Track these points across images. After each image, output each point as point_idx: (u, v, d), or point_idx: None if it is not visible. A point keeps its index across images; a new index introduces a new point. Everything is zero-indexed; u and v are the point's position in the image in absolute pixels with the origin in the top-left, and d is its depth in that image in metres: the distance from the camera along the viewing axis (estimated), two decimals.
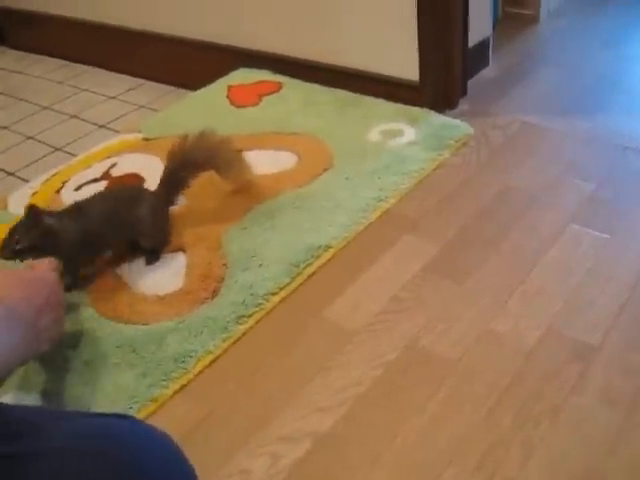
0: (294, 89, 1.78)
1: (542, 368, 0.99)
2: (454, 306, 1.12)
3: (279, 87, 1.79)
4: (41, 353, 0.98)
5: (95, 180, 1.54)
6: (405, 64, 1.63)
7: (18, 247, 1.13)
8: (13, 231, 1.14)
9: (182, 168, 1.31)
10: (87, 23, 2.30)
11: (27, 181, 1.70)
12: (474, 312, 1.10)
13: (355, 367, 1.03)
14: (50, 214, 1.17)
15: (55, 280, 1.05)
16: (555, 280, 1.14)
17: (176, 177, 1.31)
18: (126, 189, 1.34)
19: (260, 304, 1.14)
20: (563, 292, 1.11)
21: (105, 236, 1.22)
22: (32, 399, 1.03)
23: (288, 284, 1.17)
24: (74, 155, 1.78)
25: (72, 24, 2.35)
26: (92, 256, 1.24)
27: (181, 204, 1.37)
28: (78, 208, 1.21)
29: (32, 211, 1.15)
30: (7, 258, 1.14)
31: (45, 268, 1.06)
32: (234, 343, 1.09)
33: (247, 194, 1.38)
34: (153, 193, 1.29)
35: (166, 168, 1.31)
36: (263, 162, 1.45)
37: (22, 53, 2.59)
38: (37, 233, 1.14)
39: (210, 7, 1.95)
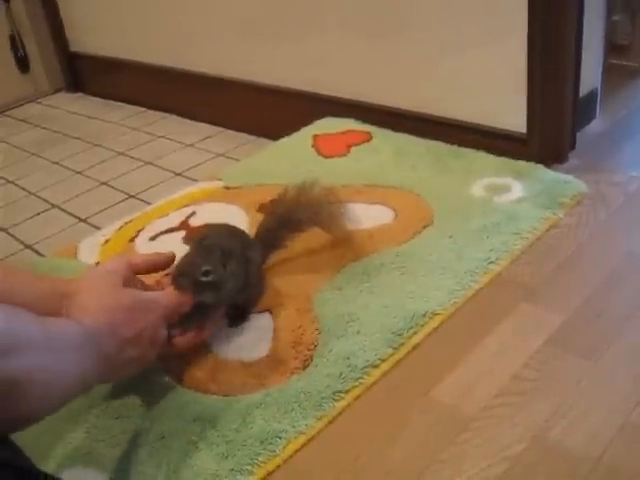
0: (385, 139, 1.66)
1: None
2: (588, 389, 0.95)
3: (369, 137, 1.67)
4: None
5: (172, 230, 1.43)
6: (511, 114, 1.50)
7: (205, 279, 0.99)
8: (197, 261, 1.01)
9: (281, 226, 1.19)
10: (165, 70, 2.25)
11: (99, 228, 1.61)
12: (613, 396, 0.93)
13: (472, 461, 0.87)
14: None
15: (162, 314, 0.92)
16: None
17: (273, 235, 1.20)
18: (244, 234, 1.19)
19: (359, 378, 0.99)
20: None
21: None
22: (99, 477, 0.90)
23: (390, 356, 1.02)
24: (148, 203, 1.69)
25: (149, 70, 2.31)
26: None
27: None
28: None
29: (223, 249, 1.03)
30: (184, 288, 0.98)
31: (162, 298, 0.94)
32: (330, 423, 0.94)
33: (340, 250, 1.25)
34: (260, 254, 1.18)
35: (263, 224, 1.20)
36: (357, 216, 1.31)
37: (99, 99, 2.57)
38: (226, 274, 1.02)
39: (289, 54, 1.87)
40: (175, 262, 1.02)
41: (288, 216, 1.19)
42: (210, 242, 1.06)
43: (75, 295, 0.88)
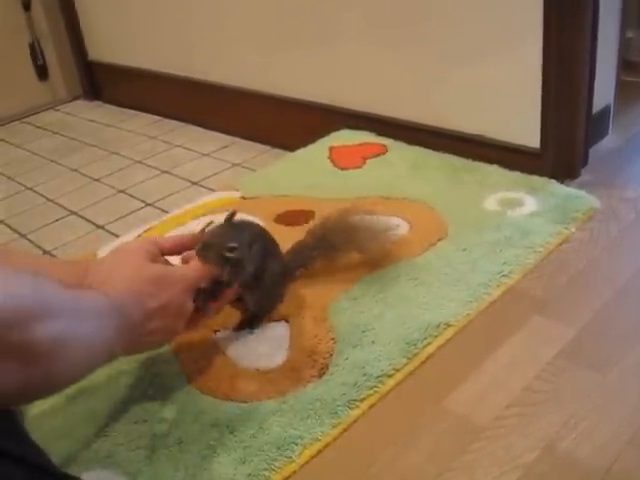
0: (400, 152, 1.68)
1: None
2: (598, 401, 0.97)
3: (384, 149, 1.70)
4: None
5: None
6: (525, 129, 1.52)
7: (229, 255, 1.01)
8: (224, 236, 1.03)
9: (315, 247, 1.23)
10: (182, 79, 2.28)
11: (116, 235, 1.64)
12: (623, 409, 0.95)
13: (484, 470, 0.88)
14: None
15: (188, 286, 0.94)
16: None
17: (308, 254, 1.23)
18: (271, 238, 1.20)
19: (374, 387, 1.01)
20: None
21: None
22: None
23: (405, 365, 1.04)
24: (165, 211, 1.72)
25: (167, 80, 2.34)
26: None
27: None
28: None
29: (254, 231, 1.08)
30: (208, 260, 0.99)
31: (189, 273, 0.96)
32: (344, 431, 0.96)
33: (356, 261, 1.27)
34: (283, 261, 1.20)
35: (301, 242, 1.24)
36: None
37: (116, 108, 2.60)
38: (249, 255, 1.05)
39: (306, 65, 1.90)
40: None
41: (324, 237, 1.22)
42: (240, 223, 1.09)
43: (99, 270, 0.90)
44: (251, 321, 1.17)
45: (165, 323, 0.90)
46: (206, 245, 1.01)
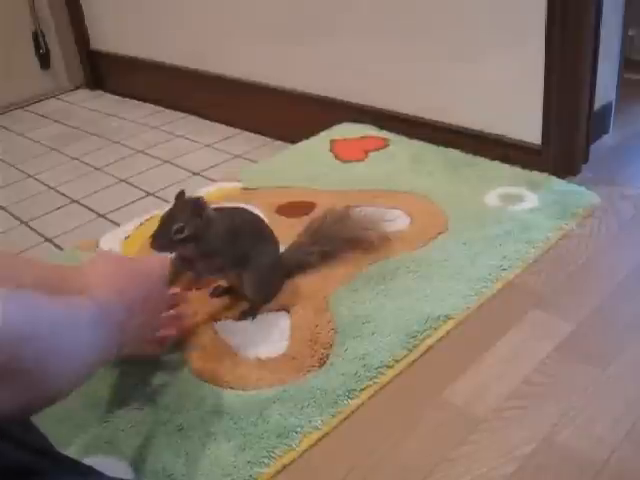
0: (401, 146, 1.68)
1: None
2: (596, 394, 0.98)
3: (385, 143, 1.70)
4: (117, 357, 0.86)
5: None
6: (526, 125, 1.53)
7: (179, 237, 1.03)
8: (170, 220, 1.04)
9: (312, 244, 1.24)
10: (185, 70, 2.28)
11: (117, 224, 1.64)
12: (620, 403, 0.96)
13: (483, 460, 0.89)
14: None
15: (161, 280, 0.95)
16: None
17: (306, 250, 1.24)
18: (265, 226, 1.21)
19: (374, 377, 1.02)
20: None
21: (225, 251, 1.11)
22: (120, 465, 0.93)
23: (405, 357, 1.05)
24: (167, 201, 1.71)
25: (169, 71, 2.34)
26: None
27: None
28: (223, 211, 1.13)
29: (194, 199, 1.06)
30: (162, 249, 1.04)
31: (155, 264, 0.96)
32: (344, 420, 0.97)
33: (357, 253, 1.27)
34: (278, 249, 1.21)
35: (297, 241, 1.25)
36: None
37: (119, 97, 2.60)
38: (202, 223, 1.05)
39: (308, 58, 1.90)
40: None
41: (320, 232, 1.24)
42: (185, 198, 1.09)
43: (78, 275, 0.90)
44: (251, 309, 1.17)
45: (142, 319, 0.89)
46: (154, 236, 1.04)
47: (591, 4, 1.41)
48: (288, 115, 1.98)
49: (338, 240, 1.25)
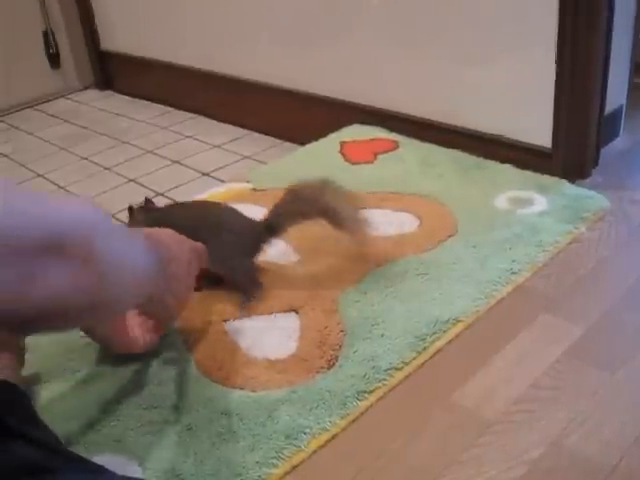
0: (411, 148, 1.68)
1: None
2: (605, 399, 0.97)
3: (395, 145, 1.70)
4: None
5: None
6: (537, 128, 1.52)
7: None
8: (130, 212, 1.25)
9: (289, 212, 1.24)
10: (194, 71, 2.29)
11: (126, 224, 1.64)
12: (630, 407, 0.96)
13: (492, 463, 0.89)
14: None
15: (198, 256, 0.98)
16: None
17: (280, 218, 1.24)
18: (218, 213, 1.29)
19: (383, 379, 1.02)
20: None
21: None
22: (128, 464, 0.93)
23: (414, 359, 1.05)
24: (176, 202, 1.72)
25: (178, 71, 2.35)
26: None
27: (295, 260, 1.28)
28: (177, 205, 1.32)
29: (146, 199, 1.28)
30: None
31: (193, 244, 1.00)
32: (353, 421, 0.97)
33: (366, 255, 1.27)
34: (249, 222, 1.25)
35: (276, 206, 1.25)
36: (382, 223, 1.35)
37: (128, 98, 2.60)
38: (152, 216, 1.21)
39: (319, 60, 1.90)
40: None
41: (298, 204, 1.23)
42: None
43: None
44: (245, 296, 1.20)
45: (182, 271, 0.92)
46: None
47: (603, 8, 1.41)
48: (298, 117, 1.98)
49: (314, 206, 1.23)
